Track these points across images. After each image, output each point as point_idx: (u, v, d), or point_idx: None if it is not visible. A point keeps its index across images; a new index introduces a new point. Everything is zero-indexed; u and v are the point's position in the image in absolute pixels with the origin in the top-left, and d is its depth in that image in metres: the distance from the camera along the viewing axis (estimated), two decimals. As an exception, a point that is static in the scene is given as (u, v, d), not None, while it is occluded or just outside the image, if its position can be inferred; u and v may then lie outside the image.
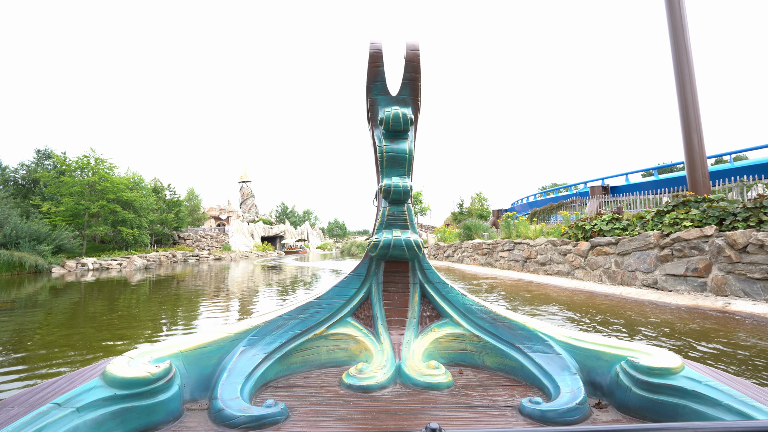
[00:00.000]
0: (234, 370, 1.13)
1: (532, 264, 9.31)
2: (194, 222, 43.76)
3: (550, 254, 8.63)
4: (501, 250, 11.04)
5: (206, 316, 5.44)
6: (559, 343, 1.23)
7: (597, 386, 1.11)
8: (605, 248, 6.85)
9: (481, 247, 12.83)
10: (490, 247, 11.98)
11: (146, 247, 28.04)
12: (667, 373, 0.97)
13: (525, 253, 9.66)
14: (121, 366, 0.94)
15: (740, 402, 0.86)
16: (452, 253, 16.18)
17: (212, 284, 10.25)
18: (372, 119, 1.43)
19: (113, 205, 23.28)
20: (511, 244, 10.47)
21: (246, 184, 64.90)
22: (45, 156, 29.05)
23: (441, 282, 1.47)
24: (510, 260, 10.44)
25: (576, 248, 7.66)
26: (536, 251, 9.18)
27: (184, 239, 35.19)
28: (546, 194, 22.23)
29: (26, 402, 0.83)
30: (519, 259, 9.98)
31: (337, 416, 1.01)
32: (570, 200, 14.43)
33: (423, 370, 1.23)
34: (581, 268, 7.53)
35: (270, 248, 45.39)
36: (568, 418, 0.96)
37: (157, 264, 23.88)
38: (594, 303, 5.47)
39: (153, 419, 0.93)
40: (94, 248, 26.07)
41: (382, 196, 1.40)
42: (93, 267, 20.14)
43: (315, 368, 1.33)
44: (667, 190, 11.13)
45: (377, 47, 1.36)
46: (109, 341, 3.76)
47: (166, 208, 31.41)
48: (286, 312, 1.36)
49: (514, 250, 10.33)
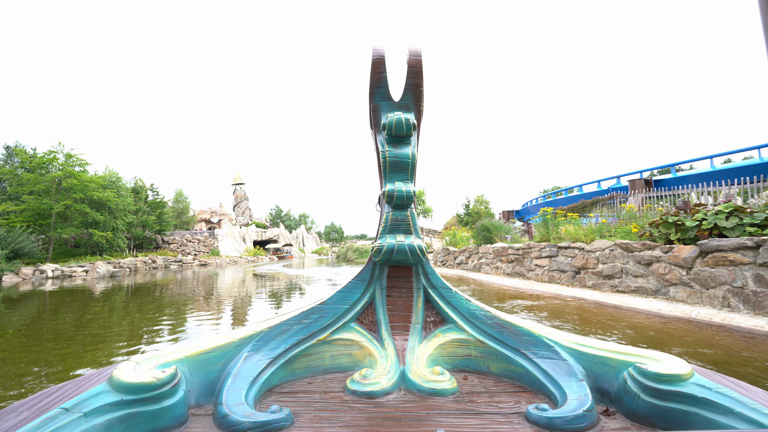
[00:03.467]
0: (239, 375, 1.12)
1: (590, 276, 6.95)
2: (182, 225, 41.32)
3: (620, 263, 6.28)
4: (537, 256, 8.68)
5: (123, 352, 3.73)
6: (565, 349, 1.21)
7: (604, 393, 1.09)
8: (733, 256, 4.48)
9: (506, 252, 10.45)
10: (520, 252, 9.60)
11: (123, 251, 25.56)
12: (677, 379, 0.95)
13: (577, 260, 7.29)
14: (127, 371, 0.94)
15: (753, 410, 0.84)
16: (466, 259, 13.78)
17: (175, 296, 7.88)
18: (375, 124, 1.44)
19: (81, 205, 20.79)
20: (552, 248, 8.11)
21: (240, 187, 62.86)
22: (15, 153, 26.57)
23: (445, 287, 1.46)
24: (552, 270, 8.07)
25: (670, 255, 5.30)
26: (596, 259, 6.82)
27: (168, 243, 32.65)
28: (567, 192, 19.93)
29: (34, 407, 0.85)
30: (566, 268, 7.61)
31: (341, 422, 1.01)
32: (608, 195, 12.12)
33: (427, 376, 1.22)
34: (683, 286, 5.16)
35: (262, 253, 42.87)
36: (576, 426, 0.94)
37: (130, 271, 21.42)
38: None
39: (159, 424, 0.93)
40: (64, 253, 23.58)
41: (386, 201, 1.41)
42: (53, 275, 17.68)
43: (319, 374, 1.32)
44: (742, 179, 8.77)
45: (380, 53, 1.38)
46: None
47: (147, 210, 28.91)
48: (290, 317, 1.35)
49: (557, 257, 7.96)
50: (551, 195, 21.58)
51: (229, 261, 32.13)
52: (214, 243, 37.26)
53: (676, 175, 13.60)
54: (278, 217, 69.21)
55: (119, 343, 4.11)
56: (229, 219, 53.63)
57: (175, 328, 5.08)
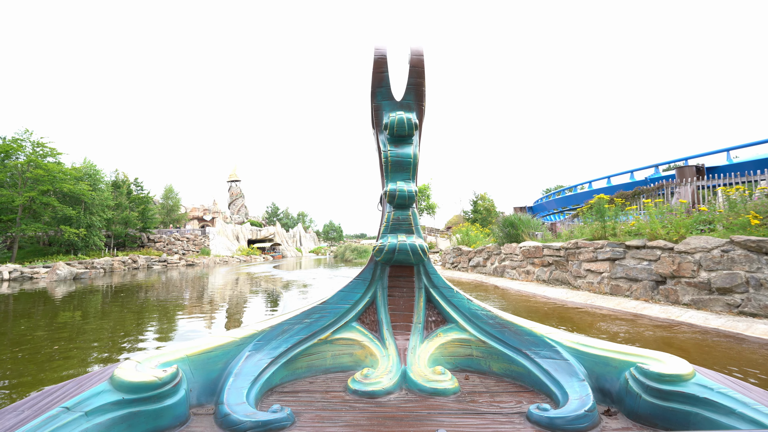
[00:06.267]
0: (240, 374, 1.12)
1: (686, 289, 4.88)
2: (172, 223, 39.22)
3: (744, 271, 4.22)
4: (591, 259, 6.61)
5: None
6: (566, 349, 1.21)
7: (606, 393, 1.09)
8: None
9: (540, 253, 8.39)
10: (562, 253, 7.54)
11: (101, 250, 23.47)
12: (678, 380, 0.95)
13: (662, 265, 5.22)
14: (128, 370, 0.94)
15: (755, 410, 0.84)
16: (484, 261, 11.70)
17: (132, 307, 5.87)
18: (377, 124, 1.44)
19: (48, 198, 18.68)
20: (617, 248, 6.04)
21: (235, 184, 60.85)
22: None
23: (446, 287, 1.45)
24: (616, 278, 6.00)
25: None
26: (696, 263, 4.75)
27: (154, 242, 30.55)
28: (590, 185, 17.85)
29: (35, 406, 0.85)
30: (641, 276, 5.54)
31: (343, 422, 1.00)
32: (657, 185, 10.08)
33: (429, 376, 1.21)
34: None
35: (256, 252, 40.73)
36: (577, 426, 0.94)
37: (105, 272, 19.32)
38: None
39: (160, 423, 0.92)
40: (35, 252, 21.48)
41: (387, 201, 1.39)
42: (10, 276, 15.62)
43: (320, 373, 1.32)
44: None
45: (382, 53, 1.38)
46: None
47: (129, 205, 26.78)
48: (292, 317, 1.35)
49: (624, 260, 5.89)
50: (572, 189, 19.49)
51: (219, 261, 29.98)
52: (205, 242, 35.13)
53: (732, 162, 11.59)
54: (274, 215, 67.09)
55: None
56: (223, 217, 51.56)
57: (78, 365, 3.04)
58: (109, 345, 4.09)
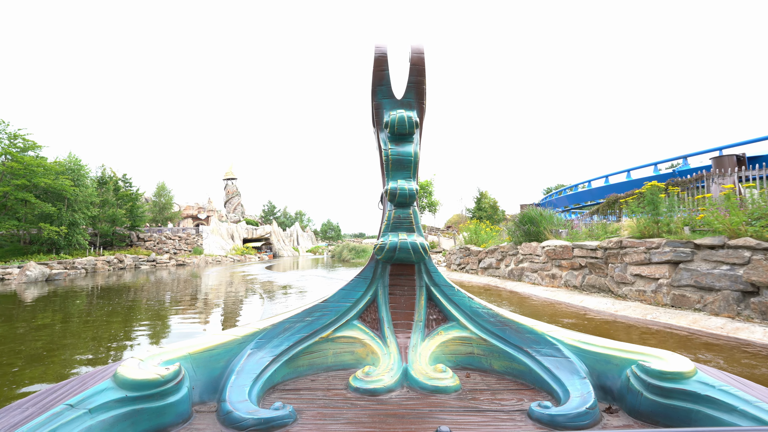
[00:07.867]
0: (242, 372, 1.12)
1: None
2: (164, 221, 37.93)
3: None
4: (641, 261, 5.42)
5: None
6: (567, 347, 1.20)
7: (607, 390, 1.09)
8: None
9: (569, 254, 7.20)
10: (600, 255, 6.34)
11: (85, 249, 22.20)
12: (680, 377, 0.94)
13: (754, 271, 4.03)
14: (131, 368, 0.94)
15: (756, 407, 0.83)
16: (497, 263, 10.50)
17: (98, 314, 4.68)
18: (377, 122, 1.44)
19: (24, 193, 17.41)
20: (681, 248, 4.85)
21: (231, 182, 59.58)
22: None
23: (447, 285, 1.44)
24: (681, 286, 4.81)
25: None
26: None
27: (144, 240, 29.26)
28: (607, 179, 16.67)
29: (40, 403, 0.84)
30: (719, 284, 4.36)
31: (344, 419, 1.00)
32: (696, 176, 8.91)
33: (430, 374, 1.22)
34: None
35: (252, 252, 39.49)
36: (579, 423, 0.94)
37: (87, 272, 18.07)
38: None
39: (163, 421, 0.92)
40: (14, 251, 20.16)
41: (388, 199, 1.40)
42: (-22, 278, 14.40)
43: (322, 371, 1.32)
44: None
45: (382, 51, 1.38)
46: None
47: (116, 203, 25.49)
48: (293, 315, 1.34)
49: (692, 263, 4.70)
50: (585, 184, 18.28)
51: (211, 260, 28.71)
52: (198, 241, 33.84)
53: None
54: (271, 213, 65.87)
55: None
56: (219, 216, 50.28)
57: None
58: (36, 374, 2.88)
